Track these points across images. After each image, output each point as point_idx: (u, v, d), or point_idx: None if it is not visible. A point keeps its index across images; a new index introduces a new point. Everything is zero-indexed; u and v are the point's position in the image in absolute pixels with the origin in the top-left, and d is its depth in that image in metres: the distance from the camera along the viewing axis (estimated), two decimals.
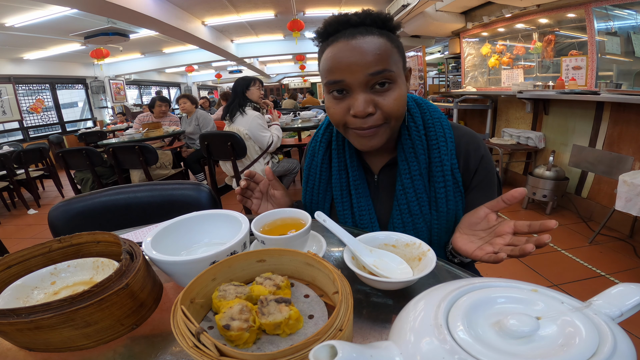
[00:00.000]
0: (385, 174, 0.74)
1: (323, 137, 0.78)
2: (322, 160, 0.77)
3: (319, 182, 0.77)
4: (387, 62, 0.57)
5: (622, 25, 2.52)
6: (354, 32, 0.58)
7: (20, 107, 5.76)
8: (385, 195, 0.73)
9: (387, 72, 0.57)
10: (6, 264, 0.45)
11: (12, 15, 3.96)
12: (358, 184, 0.73)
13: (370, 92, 0.59)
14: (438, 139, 0.67)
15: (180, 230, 0.55)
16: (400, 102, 0.60)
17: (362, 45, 0.57)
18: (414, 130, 0.68)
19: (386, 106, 0.59)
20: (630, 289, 0.27)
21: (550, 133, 2.99)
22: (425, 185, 0.68)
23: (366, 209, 0.72)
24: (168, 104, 3.71)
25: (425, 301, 0.29)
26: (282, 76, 14.91)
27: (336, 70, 0.58)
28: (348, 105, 0.60)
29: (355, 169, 0.73)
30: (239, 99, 2.46)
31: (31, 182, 3.83)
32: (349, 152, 0.73)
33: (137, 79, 9.07)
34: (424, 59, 4.74)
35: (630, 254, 2.03)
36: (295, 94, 8.96)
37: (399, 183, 0.69)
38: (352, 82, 0.58)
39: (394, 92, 0.59)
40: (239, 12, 5.08)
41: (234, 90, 2.50)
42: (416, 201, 0.68)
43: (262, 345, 0.34)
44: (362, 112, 0.58)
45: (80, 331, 0.37)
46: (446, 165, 0.66)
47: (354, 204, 0.73)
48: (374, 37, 0.58)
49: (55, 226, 0.87)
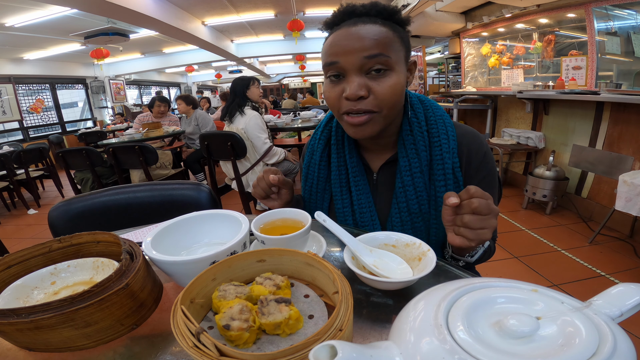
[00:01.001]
0: (384, 172, 0.73)
1: (322, 134, 0.77)
2: (320, 157, 0.76)
3: (318, 180, 0.76)
4: (384, 48, 0.57)
5: (622, 25, 2.52)
6: (356, 21, 0.59)
7: (20, 107, 5.76)
8: (385, 193, 0.73)
9: (382, 57, 0.57)
10: (6, 264, 0.45)
11: (12, 15, 3.96)
12: (358, 180, 0.72)
13: (365, 77, 0.59)
14: (440, 136, 0.66)
15: (180, 230, 0.55)
16: (395, 91, 0.59)
17: (360, 30, 0.57)
18: (415, 126, 0.68)
19: (380, 92, 0.58)
20: (630, 289, 0.27)
21: (550, 133, 2.99)
22: (426, 183, 0.67)
23: (367, 207, 0.71)
24: (167, 104, 3.70)
25: (425, 301, 0.29)
26: (282, 76, 14.91)
27: (332, 53, 0.59)
28: (342, 89, 0.60)
29: (354, 165, 0.72)
30: (238, 99, 2.45)
31: (31, 182, 3.83)
32: (348, 147, 0.72)
33: (137, 79, 9.07)
34: (424, 59, 4.74)
35: (630, 254, 2.03)
36: (295, 94, 8.97)
37: (398, 180, 0.68)
38: (346, 65, 0.58)
39: (390, 79, 0.59)
40: (239, 12, 5.08)
41: (232, 90, 2.49)
42: (416, 199, 0.67)
43: (262, 345, 0.34)
44: (353, 95, 0.58)
45: (80, 331, 0.37)
46: (447, 164, 0.65)
47: (354, 201, 0.72)
48: (375, 25, 0.58)
49: (55, 226, 0.87)
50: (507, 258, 2.07)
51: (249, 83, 2.46)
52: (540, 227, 2.46)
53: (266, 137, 2.48)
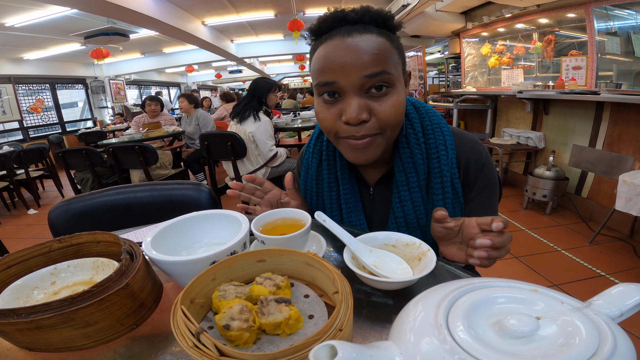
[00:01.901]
0: (381, 186, 0.70)
1: (315, 148, 0.73)
2: (316, 173, 0.73)
3: (317, 196, 0.74)
4: (386, 64, 0.52)
5: (622, 25, 2.52)
6: (350, 30, 0.53)
7: (20, 107, 5.76)
8: (382, 207, 0.70)
9: (385, 75, 0.52)
10: (6, 264, 0.45)
11: (12, 15, 3.96)
12: (349, 198, 0.69)
13: (365, 97, 0.54)
14: (438, 147, 0.63)
15: (180, 230, 0.55)
16: (398, 110, 0.55)
17: (358, 43, 0.51)
18: (412, 139, 0.64)
19: (382, 113, 0.54)
20: (630, 289, 0.27)
21: (550, 133, 2.99)
22: (424, 197, 0.64)
23: (357, 224, 0.69)
24: (159, 103, 3.63)
25: (425, 301, 0.29)
26: (282, 76, 14.92)
27: (328, 70, 0.53)
28: (340, 111, 0.55)
29: (346, 182, 0.69)
30: (255, 102, 2.34)
31: (31, 182, 3.84)
32: (340, 163, 0.69)
33: (137, 79, 9.07)
34: (424, 59, 4.74)
35: (630, 254, 2.03)
36: (295, 94, 8.97)
37: (395, 195, 0.65)
38: (345, 85, 0.52)
39: (392, 98, 0.54)
40: (239, 12, 5.08)
41: (252, 91, 2.35)
42: (413, 214, 0.64)
43: (262, 345, 0.34)
44: (354, 119, 0.52)
45: (80, 331, 0.37)
46: (446, 176, 0.62)
47: (345, 218, 0.70)
48: (372, 36, 0.52)
49: (55, 226, 0.87)
50: (507, 258, 2.07)
51: (272, 88, 2.34)
52: (540, 227, 2.46)
53: (273, 143, 2.43)
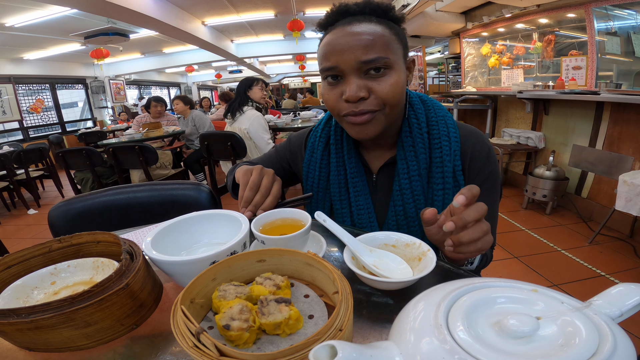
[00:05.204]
0: (384, 173, 0.71)
1: (322, 132, 0.76)
2: (321, 156, 0.75)
3: (319, 180, 0.75)
4: (382, 49, 0.56)
5: (622, 25, 2.52)
6: (351, 20, 0.59)
7: (20, 107, 5.76)
8: (383, 195, 0.72)
9: (381, 60, 0.56)
10: (6, 264, 0.45)
11: (12, 15, 3.96)
12: (356, 181, 0.71)
13: (364, 78, 0.58)
14: (441, 137, 0.65)
15: (180, 230, 0.55)
16: (397, 89, 0.58)
17: (356, 30, 0.57)
18: (415, 127, 0.66)
19: (381, 91, 0.58)
20: (630, 289, 0.27)
21: (550, 133, 2.99)
22: (424, 187, 0.65)
23: (364, 208, 0.70)
24: (163, 104, 3.67)
25: (425, 301, 0.29)
26: (282, 76, 14.91)
27: (330, 55, 0.58)
28: (341, 91, 0.60)
29: (353, 166, 0.71)
30: (240, 98, 2.47)
31: (31, 182, 3.83)
32: (347, 147, 0.71)
33: (137, 79, 9.07)
34: (424, 59, 4.74)
35: (630, 254, 2.03)
36: (295, 94, 8.97)
37: (396, 183, 0.67)
38: (345, 68, 0.57)
39: (390, 78, 0.58)
40: (239, 12, 5.09)
41: (237, 89, 2.53)
42: (413, 203, 0.65)
43: (262, 345, 0.34)
44: (353, 97, 0.57)
45: (80, 331, 0.37)
46: (447, 167, 0.64)
47: (352, 202, 0.71)
48: (370, 24, 0.57)
49: (55, 226, 0.87)
50: (507, 258, 2.07)
51: (252, 83, 2.48)
52: (540, 227, 2.46)
53: (269, 137, 2.49)
